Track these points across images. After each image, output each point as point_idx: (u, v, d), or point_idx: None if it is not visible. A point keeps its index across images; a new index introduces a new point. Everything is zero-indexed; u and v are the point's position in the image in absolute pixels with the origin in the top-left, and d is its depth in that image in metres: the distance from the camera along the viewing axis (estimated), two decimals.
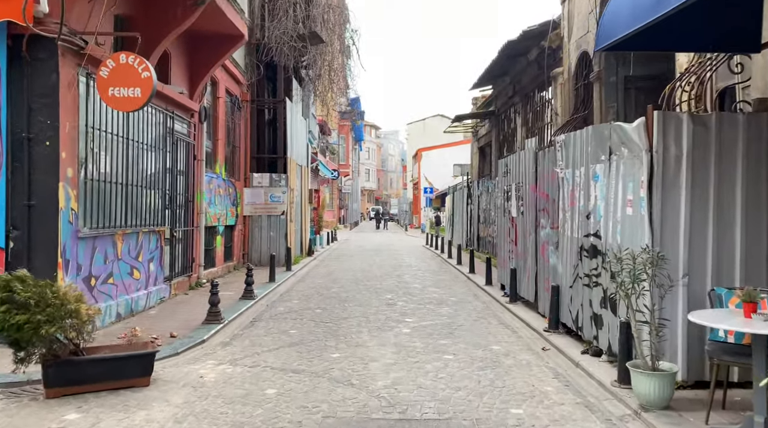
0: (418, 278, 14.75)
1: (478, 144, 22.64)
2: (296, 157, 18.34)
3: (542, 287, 9.35)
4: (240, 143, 15.78)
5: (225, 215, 14.41)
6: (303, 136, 20.17)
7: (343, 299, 11.06)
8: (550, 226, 8.98)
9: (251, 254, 16.56)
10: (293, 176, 17.58)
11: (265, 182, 16.63)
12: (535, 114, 15.26)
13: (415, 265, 18.14)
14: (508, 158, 11.59)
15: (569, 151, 7.96)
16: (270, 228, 16.62)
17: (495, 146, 19.59)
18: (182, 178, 11.33)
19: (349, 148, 57.13)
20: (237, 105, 15.40)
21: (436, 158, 53.31)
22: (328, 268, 16.94)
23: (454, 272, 16.50)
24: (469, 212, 22.41)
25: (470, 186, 22.07)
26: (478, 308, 10.47)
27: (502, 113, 18.86)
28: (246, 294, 10.70)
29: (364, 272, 15.88)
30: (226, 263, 14.74)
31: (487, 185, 19.19)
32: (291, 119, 17.36)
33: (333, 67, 18.93)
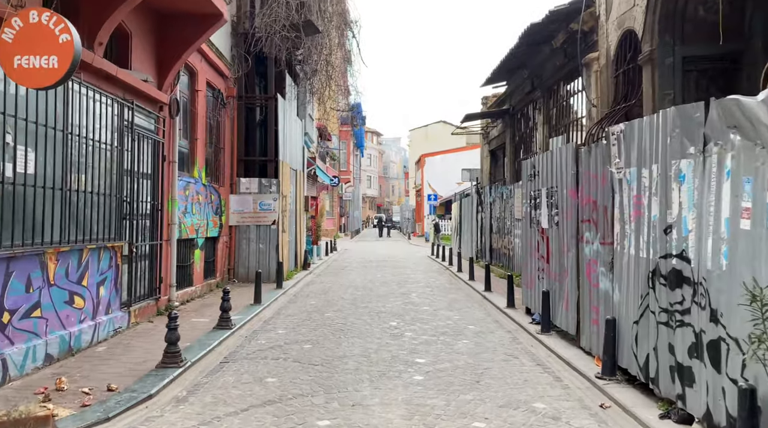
0: (426, 297, 12.86)
1: (488, 147, 20.79)
2: (290, 160, 16.51)
3: (587, 318, 7.47)
4: (225, 144, 13.95)
5: (205, 225, 12.56)
6: (298, 138, 18.36)
7: (338, 328, 9.17)
8: (599, 241, 7.10)
9: (237, 269, 14.69)
10: (286, 182, 15.74)
11: (254, 187, 14.78)
12: (560, 110, 13.41)
13: (423, 281, 16.26)
14: (536, 158, 9.74)
15: (632, 144, 6.10)
16: (259, 240, 14.76)
17: (509, 149, 17.73)
18: (147, 182, 9.49)
19: (350, 154, 55.40)
20: (221, 101, 13.59)
21: (440, 164, 51.52)
22: (325, 285, 15.06)
23: (466, 289, 14.61)
24: (480, 221, 20.53)
25: (481, 192, 20.21)
26: (504, 340, 8.58)
27: (518, 112, 17.02)
28: (221, 323, 8.83)
29: (365, 290, 14.00)
30: (207, 281, 12.87)
31: (501, 191, 17.33)
32: (283, 117, 15.54)
33: (331, 61, 17.12)
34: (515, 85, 16.65)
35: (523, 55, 13.98)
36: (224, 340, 8.23)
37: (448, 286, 15.14)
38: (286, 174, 15.89)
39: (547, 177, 9.14)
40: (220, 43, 13.32)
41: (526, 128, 16.52)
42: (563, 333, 8.45)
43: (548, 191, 9.08)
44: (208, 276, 13.08)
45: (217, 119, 13.54)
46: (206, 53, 12.19)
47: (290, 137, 16.77)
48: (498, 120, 19.13)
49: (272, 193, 14.79)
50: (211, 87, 13.05)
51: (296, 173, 17.85)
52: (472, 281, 15.55)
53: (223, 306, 8.89)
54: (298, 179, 18.19)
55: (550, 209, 9.01)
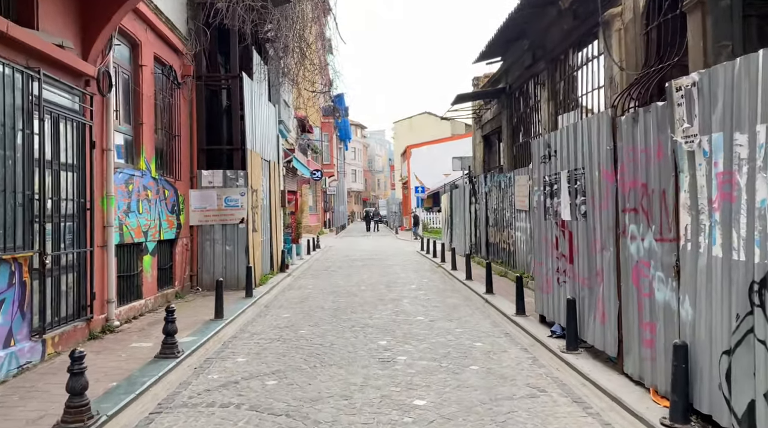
0: (420, 303, 11.06)
1: (482, 132, 19.00)
2: (260, 150, 14.60)
3: (634, 337, 5.72)
4: (181, 131, 12.01)
5: (158, 226, 10.65)
6: (270, 125, 16.44)
7: (314, 352, 7.34)
8: (653, 236, 5.34)
9: (201, 275, 12.79)
10: (256, 174, 13.84)
11: (218, 181, 12.87)
12: (568, 82, 11.64)
13: (414, 282, 14.46)
14: (552, 135, 7.96)
15: (713, 100, 4.34)
16: (226, 241, 12.86)
17: (506, 132, 15.94)
18: (71, 175, 7.57)
19: (333, 147, 53.36)
20: (174, 80, 11.64)
21: (426, 155, 49.78)
22: (303, 291, 13.21)
23: (464, 291, 12.84)
24: (474, 213, 18.77)
25: (474, 182, 18.44)
26: (522, 363, 6.80)
27: (516, 90, 15.23)
28: (165, 350, 6.97)
29: (349, 295, 12.17)
30: (163, 291, 10.96)
31: (498, 179, 15.57)
32: (251, 100, 13.62)
33: (304, 37, 15.19)
34: (513, 60, 14.85)
35: (524, 22, 12.18)
36: (165, 375, 6.37)
37: (443, 287, 13.35)
38: (257, 165, 13.98)
39: (568, 157, 7.37)
40: (173, 13, 11.37)
41: (525, 108, 14.74)
42: (596, 351, 6.71)
43: (570, 174, 7.31)
44: (164, 286, 11.17)
45: (170, 101, 11.59)
46: (152, 22, 10.25)
47: (261, 123, 14.85)
48: (492, 101, 17.34)
49: (239, 187, 12.89)
50: (161, 63, 11.10)
51: (270, 165, 15.95)
52: (470, 281, 13.79)
53: (167, 329, 7.03)
54: (272, 171, 16.29)
55: (574, 197, 7.24)
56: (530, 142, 13.36)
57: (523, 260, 13.44)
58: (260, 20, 13.11)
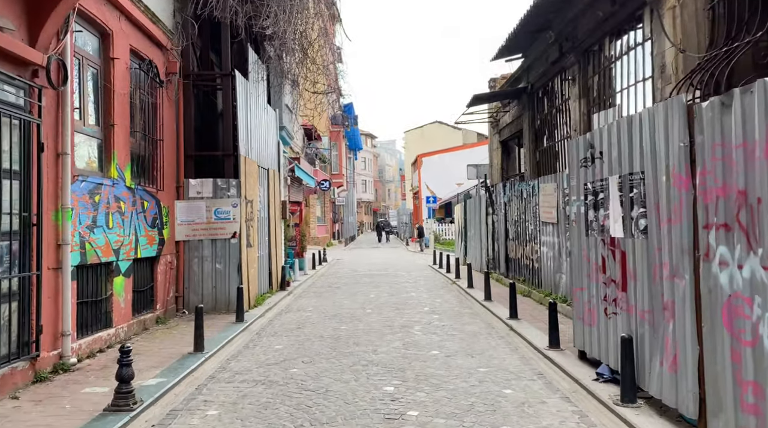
0: (434, 331, 9.60)
1: (499, 137, 17.56)
2: (256, 157, 13.26)
3: (725, 395, 4.25)
4: (164, 135, 10.69)
5: (133, 242, 9.30)
6: (269, 130, 15.12)
7: (303, 403, 5.90)
8: (761, 263, 3.89)
9: (188, 297, 11.41)
10: (251, 183, 12.49)
11: (207, 191, 11.52)
12: (603, 76, 10.18)
13: (427, 302, 13.00)
14: (599, 132, 6.53)
15: None
16: (216, 258, 11.49)
17: (528, 136, 14.49)
18: (10, 184, 6.23)
19: (342, 156, 52.13)
20: (156, 78, 10.33)
21: (438, 164, 48.48)
22: (302, 314, 11.78)
23: (483, 314, 11.36)
24: (491, 225, 17.30)
25: (491, 192, 16.98)
26: (568, 422, 5.32)
27: (539, 89, 13.80)
28: (118, 402, 5.58)
29: (353, 320, 10.74)
30: (140, 317, 9.59)
31: (520, 188, 14.10)
32: (245, 101, 12.31)
33: (306, 35, 13.88)
34: (535, 56, 13.43)
35: (550, 11, 10.79)
36: None
37: (460, 310, 11.88)
38: (253, 173, 12.63)
39: (620, 159, 5.93)
40: (155, 2, 10.10)
41: (550, 108, 13.30)
42: (662, 406, 5.23)
43: (623, 180, 5.87)
44: (143, 310, 9.81)
45: (153, 102, 10.29)
46: (127, 10, 8.96)
47: (258, 127, 13.53)
48: (511, 103, 15.92)
49: (231, 197, 11.54)
50: (139, 57, 9.80)
51: (269, 173, 14.61)
52: (489, 302, 12.32)
53: (121, 374, 5.63)
54: (272, 180, 14.95)
55: (628, 208, 5.80)
56: (557, 145, 11.89)
57: (550, 279, 11.96)
58: (255, 14, 11.83)
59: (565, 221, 10.90)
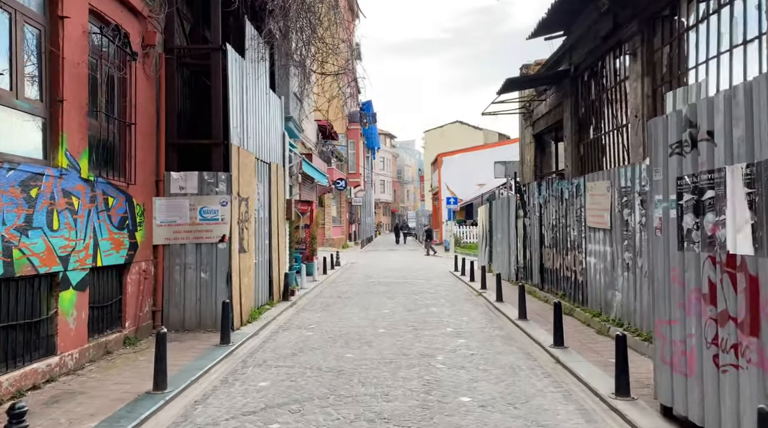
0: (462, 363, 7.69)
1: (532, 130, 15.56)
2: (255, 147, 11.48)
3: None
4: (138, 118, 8.92)
5: (91, 247, 7.54)
6: (273, 120, 13.33)
7: None
8: None
9: (168, 311, 9.64)
10: (246, 177, 10.69)
11: (192, 186, 9.75)
12: (676, 47, 8.18)
13: (451, 320, 11.08)
14: (705, 104, 4.58)
15: None
16: (201, 266, 9.71)
17: (570, 126, 12.47)
18: None
19: (359, 155, 50.27)
20: (127, 48, 8.57)
21: (459, 164, 46.44)
22: (302, 334, 9.94)
23: (521, 338, 9.42)
24: (522, 230, 15.33)
25: (523, 191, 15.00)
26: None
27: (585, 71, 11.80)
28: None
29: (361, 345, 8.87)
30: (100, 339, 7.84)
31: (560, 187, 12.12)
32: (240, 81, 10.53)
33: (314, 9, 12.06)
34: (581, 32, 11.44)
35: None
36: None
37: (490, 332, 9.94)
38: (248, 167, 10.84)
39: (745, 142, 3.99)
40: None
41: (599, 93, 11.31)
42: None
43: (753, 172, 3.93)
44: (105, 330, 8.05)
45: (123, 77, 8.52)
46: None
47: (257, 114, 11.74)
48: (548, 90, 13.93)
49: (220, 194, 9.75)
50: (103, 21, 8.04)
51: (270, 168, 12.81)
52: (524, 321, 10.39)
53: None
54: (274, 176, 13.16)
55: (764, 213, 3.85)
56: (605, 136, 9.69)
57: (598, 296, 9.98)
58: None
59: (621, 227, 8.92)
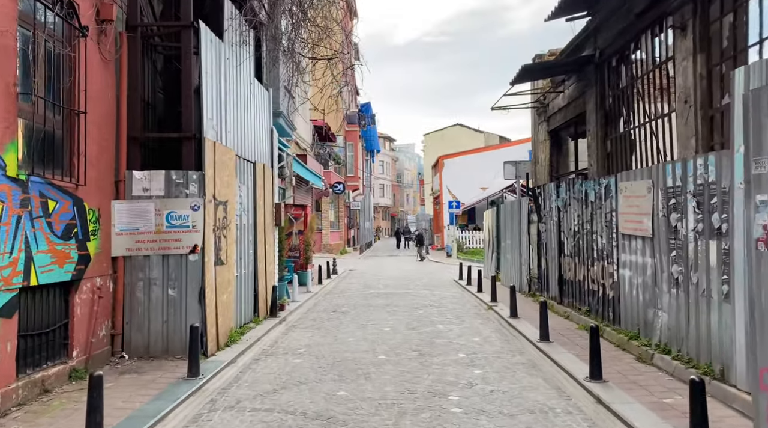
0: (482, 407, 6.22)
1: (547, 126, 14.13)
2: (235, 144, 10.05)
3: None
4: (90, 106, 7.47)
5: (20, 262, 6.09)
6: (259, 114, 11.90)
7: None
8: None
9: (129, 335, 8.17)
10: (226, 177, 9.25)
11: (158, 187, 8.29)
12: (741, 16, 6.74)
13: (462, 342, 9.61)
14: None
15: None
16: (168, 281, 8.24)
17: (595, 120, 11.02)
18: None
19: (358, 158, 48.81)
20: (74, 21, 7.12)
21: (461, 167, 44.99)
22: (288, 360, 8.47)
23: (546, 367, 7.94)
24: (536, 236, 13.89)
25: (538, 194, 13.55)
26: None
27: (613, 55, 10.38)
28: None
29: (357, 377, 7.41)
30: (32, 376, 6.37)
31: (583, 189, 10.67)
32: (216, 66, 9.09)
33: None
34: (609, 10, 9.99)
35: None
36: None
37: (510, 358, 8.46)
38: (228, 164, 9.39)
39: None
40: None
41: (632, 80, 9.87)
42: None
43: None
44: (42, 363, 6.58)
45: (70, 56, 7.08)
46: None
47: (238, 106, 10.31)
48: (567, 81, 12.49)
49: (191, 196, 8.29)
50: None
51: (256, 168, 11.37)
52: (546, 343, 8.94)
53: None
54: (260, 177, 11.72)
55: None
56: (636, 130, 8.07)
57: (635, 314, 8.52)
58: None
59: (668, 234, 7.48)
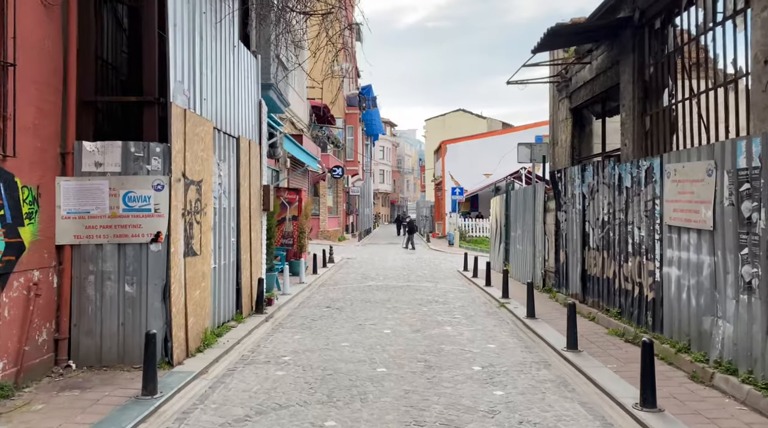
0: None
1: (569, 103, 12.65)
2: (213, 114, 8.61)
3: None
4: (25, 58, 6.01)
5: None
6: (244, 83, 10.43)
7: None
8: None
9: (78, 339, 6.78)
10: (200, 152, 7.82)
11: (112, 162, 6.85)
12: None
13: (475, 352, 8.22)
14: None
15: None
16: (125, 275, 6.83)
17: (631, 93, 9.54)
18: None
19: (358, 142, 47.21)
20: None
21: (464, 153, 43.52)
22: (269, 372, 7.09)
23: (580, 387, 6.57)
24: (553, 225, 12.49)
25: (558, 179, 12.11)
26: None
27: (657, 16, 8.89)
28: None
29: (352, 397, 6.03)
30: None
31: (617, 173, 9.24)
32: (188, 18, 7.62)
33: None
34: None
35: None
36: None
37: (536, 373, 7.07)
38: (203, 137, 7.95)
39: None
40: None
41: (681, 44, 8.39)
42: None
43: None
44: None
45: None
46: None
47: (217, 69, 8.85)
48: (594, 51, 10.99)
49: (153, 173, 6.86)
50: None
51: (239, 144, 9.93)
52: (575, 352, 7.58)
53: None
54: (246, 154, 10.29)
55: None
56: (681, 105, 6.76)
57: (686, 322, 7.13)
58: None
59: (737, 227, 6.07)
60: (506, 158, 42.86)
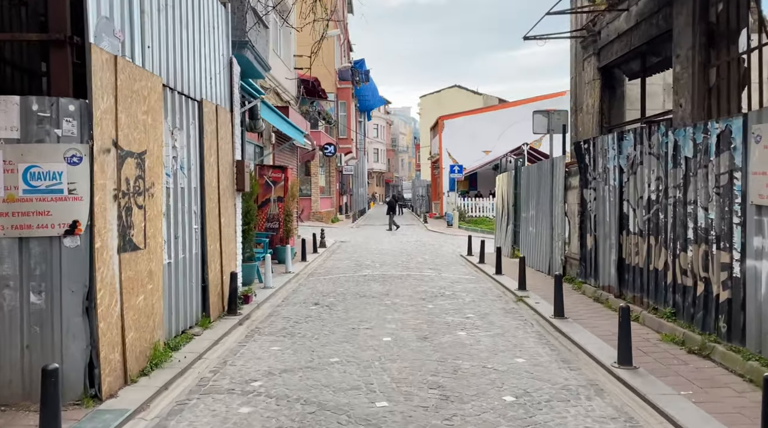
0: None
1: (597, 61, 10.76)
2: (161, 68, 6.71)
3: None
4: None
5: None
6: (209, 32, 8.50)
7: None
8: None
9: None
10: (140, 113, 5.95)
11: (8, 125, 4.97)
12: None
13: (502, 370, 6.47)
14: None
15: None
16: (29, 281, 5.00)
17: (692, 40, 7.65)
18: None
19: (351, 118, 45.10)
20: None
21: (462, 129, 41.56)
22: (229, 411, 5.30)
23: (644, 419, 4.82)
24: (576, 205, 10.71)
25: (585, 151, 10.29)
26: None
27: None
28: None
29: None
30: None
31: (671, 140, 7.42)
32: None
33: None
34: None
35: None
36: None
37: (589, 404, 5.32)
38: (147, 96, 6.07)
39: None
40: None
41: None
42: None
43: None
44: None
45: None
46: None
47: (167, 12, 6.92)
48: None
49: (65, 140, 4.99)
50: None
51: (202, 109, 8.03)
52: (629, 369, 5.86)
53: None
54: (211, 122, 8.41)
55: None
56: None
57: None
58: None
59: None
60: (506, 133, 41.09)
